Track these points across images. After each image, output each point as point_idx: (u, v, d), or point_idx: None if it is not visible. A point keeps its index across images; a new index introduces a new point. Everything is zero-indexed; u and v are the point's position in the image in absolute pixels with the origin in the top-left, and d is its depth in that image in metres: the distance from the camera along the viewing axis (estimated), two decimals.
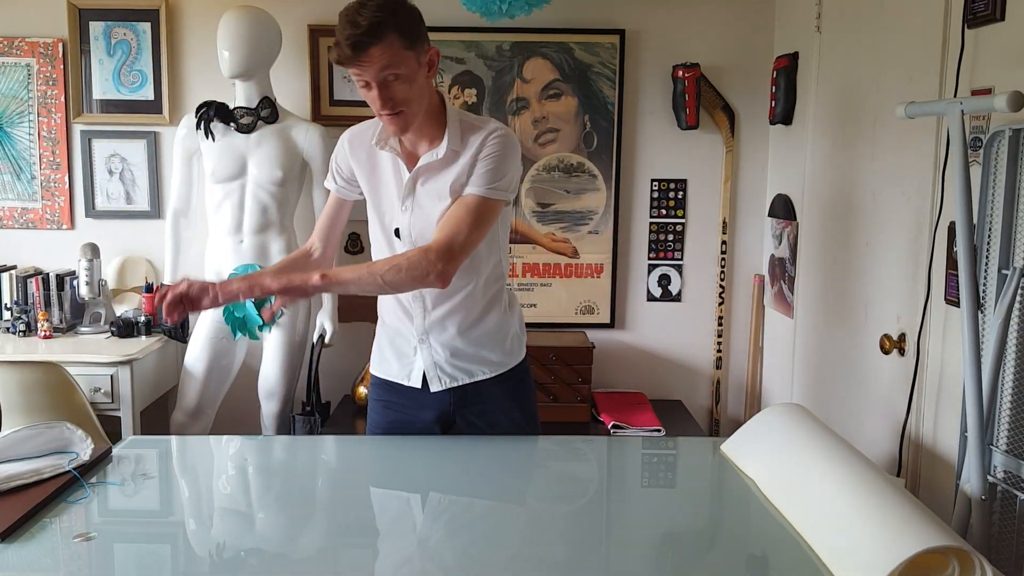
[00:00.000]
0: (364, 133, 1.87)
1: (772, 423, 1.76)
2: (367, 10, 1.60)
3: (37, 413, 2.37)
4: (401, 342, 1.92)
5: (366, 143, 1.85)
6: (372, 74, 1.64)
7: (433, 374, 1.89)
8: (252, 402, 3.02)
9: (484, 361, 1.90)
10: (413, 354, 1.91)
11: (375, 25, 1.60)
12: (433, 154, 1.77)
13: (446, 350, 1.88)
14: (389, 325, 1.95)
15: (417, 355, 1.90)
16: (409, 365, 1.91)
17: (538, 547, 1.45)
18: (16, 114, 3.15)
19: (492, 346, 1.91)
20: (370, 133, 1.85)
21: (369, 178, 1.87)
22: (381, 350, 1.98)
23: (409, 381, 1.91)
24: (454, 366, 1.89)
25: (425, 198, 1.79)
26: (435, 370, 1.89)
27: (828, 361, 2.60)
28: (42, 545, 1.36)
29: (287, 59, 3.03)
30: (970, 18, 1.81)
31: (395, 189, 1.83)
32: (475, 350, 1.89)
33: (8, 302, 3.06)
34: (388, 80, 1.65)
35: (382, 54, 1.62)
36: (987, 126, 1.77)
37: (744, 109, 3.17)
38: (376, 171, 1.86)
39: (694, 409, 3.27)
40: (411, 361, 1.91)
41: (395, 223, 1.83)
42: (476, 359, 1.89)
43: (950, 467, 1.89)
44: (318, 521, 1.55)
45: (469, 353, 1.89)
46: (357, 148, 1.87)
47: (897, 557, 1.18)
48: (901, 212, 2.14)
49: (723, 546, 1.49)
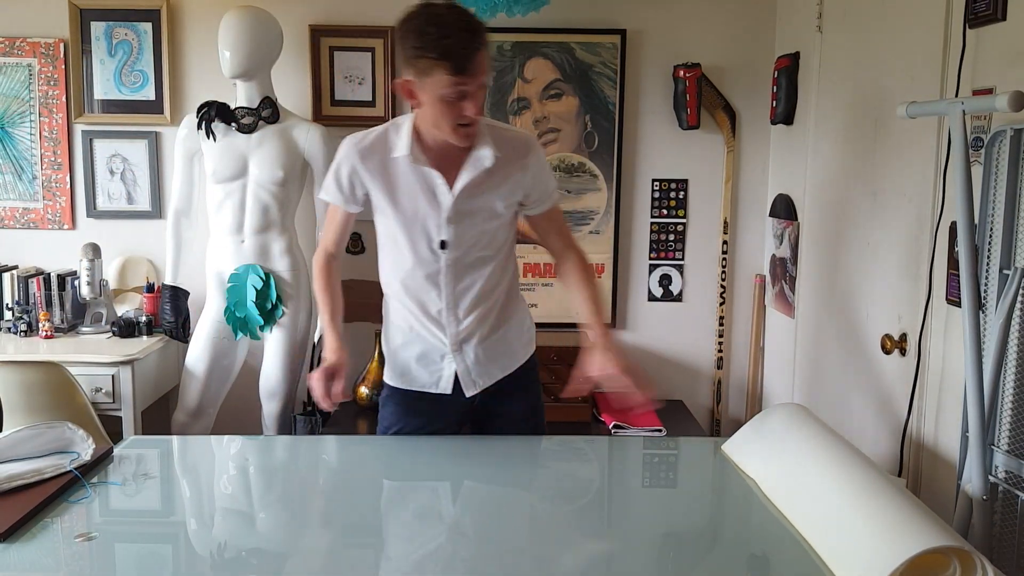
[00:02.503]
0: (374, 147, 1.80)
1: (773, 423, 1.76)
2: (465, 15, 1.60)
3: (38, 413, 2.37)
4: (431, 351, 1.90)
5: (378, 157, 1.79)
6: (478, 82, 1.63)
7: (468, 380, 1.89)
8: (253, 402, 3.02)
9: (512, 356, 1.93)
10: (441, 361, 1.89)
11: (482, 29, 1.60)
12: (478, 164, 1.75)
13: (478, 354, 1.88)
14: (413, 336, 1.90)
15: (446, 362, 1.89)
16: (438, 373, 1.90)
17: (539, 547, 1.45)
18: (17, 114, 3.15)
19: (516, 342, 1.94)
20: (381, 146, 1.79)
21: (389, 192, 1.80)
22: (404, 364, 1.93)
23: (438, 388, 1.91)
24: (485, 369, 1.90)
25: (474, 207, 1.78)
26: (468, 375, 1.89)
27: (829, 361, 2.60)
28: (43, 545, 1.36)
29: (288, 59, 3.03)
30: (971, 18, 1.81)
31: (428, 201, 1.78)
32: (504, 348, 1.91)
33: (9, 302, 3.06)
34: (483, 86, 1.65)
35: (485, 63, 1.62)
36: (988, 126, 1.77)
37: (745, 109, 3.16)
38: (396, 184, 1.79)
39: (695, 409, 3.26)
40: (440, 368, 1.90)
41: (439, 235, 1.79)
42: (506, 355, 1.92)
43: (951, 467, 1.89)
44: (319, 521, 1.56)
45: (500, 351, 1.91)
46: (369, 163, 1.79)
47: (898, 557, 1.18)
48: (902, 212, 2.14)
49: (724, 546, 1.49)
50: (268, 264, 2.87)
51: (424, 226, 1.80)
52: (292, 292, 2.92)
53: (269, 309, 2.88)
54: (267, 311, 2.88)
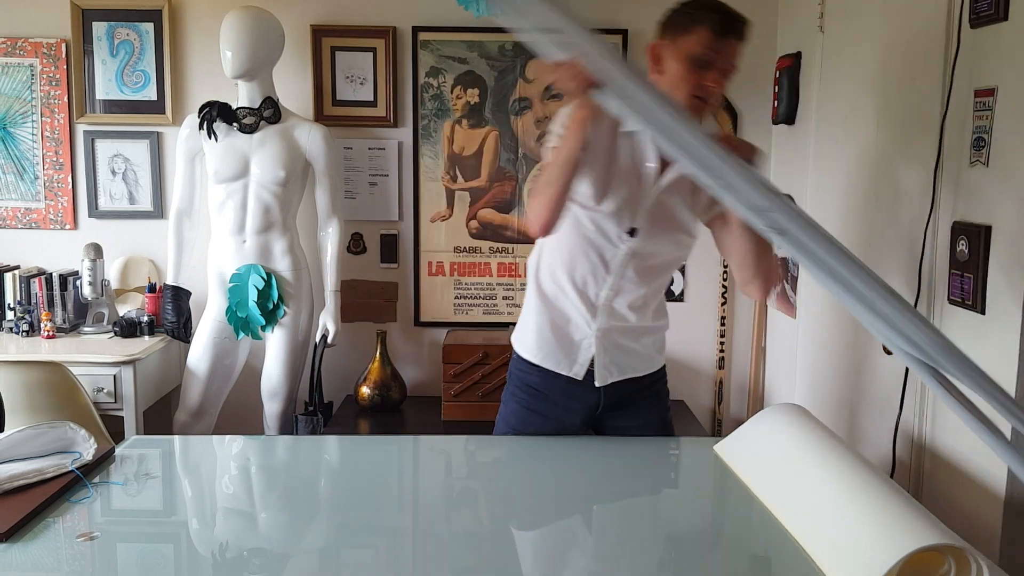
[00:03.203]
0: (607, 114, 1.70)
1: (768, 424, 1.75)
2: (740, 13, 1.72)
3: (40, 413, 2.38)
4: (573, 330, 1.88)
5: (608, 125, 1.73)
6: (730, 60, 1.70)
7: (601, 366, 1.88)
8: (255, 402, 3.02)
9: (647, 358, 1.95)
10: (581, 342, 1.88)
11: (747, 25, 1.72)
12: None
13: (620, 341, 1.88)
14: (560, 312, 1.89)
15: (585, 344, 1.88)
16: (574, 355, 1.89)
17: (539, 547, 1.45)
18: (19, 114, 3.16)
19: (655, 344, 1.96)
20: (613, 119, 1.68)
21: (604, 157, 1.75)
22: (542, 335, 1.91)
23: (571, 372, 1.90)
24: (622, 360, 1.90)
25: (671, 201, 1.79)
26: (603, 362, 1.88)
27: (831, 361, 2.60)
28: (45, 545, 1.37)
29: (290, 59, 3.03)
30: (973, 18, 1.80)
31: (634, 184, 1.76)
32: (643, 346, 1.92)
33: (11, 302, 3.07)
34: (727, 72, 1.70)
35: (739, 53, 1.71)
36: (990, 126, 1.77)
37: (747, 109, 3.16)
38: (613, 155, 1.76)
39: (697, 409, 3.26)
40: (577, 351, 1.89)
41: (632, 222, 1.78)
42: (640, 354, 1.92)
43: (952, 467, 1.89)
44: (320, 521, 1.56)
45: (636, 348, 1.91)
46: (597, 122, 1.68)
47: (893, 556, 1.18)
48: (903, 212, 2.14)
49: (723, 546, 1.49)
50: (270, 264, 2.87)
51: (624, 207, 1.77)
52: (294, 292, 2.92)
53: (271, 309, 2.88)
54: (269, 311, 2.88)
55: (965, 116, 1.84)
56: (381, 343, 3.07)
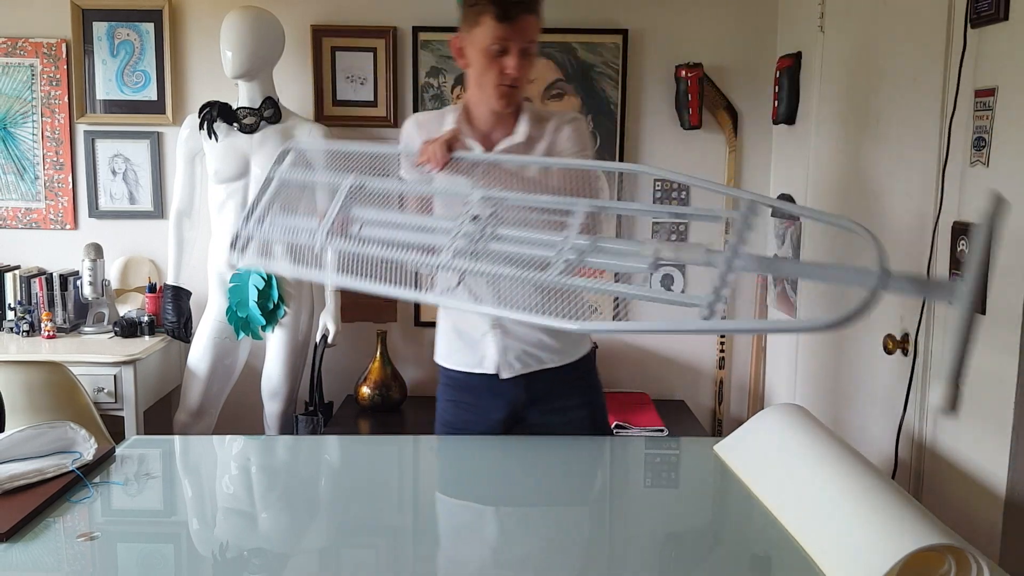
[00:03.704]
0: (431, 120, 1.85)
1: (768, 424, 1.75)
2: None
3: (40, 413, 2.38)
4: (469, 328, 1.90)
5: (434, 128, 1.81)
6: (524, 38, 1.69)
7: (503, 360, 1.88)
8: (255, 402, 3.02)
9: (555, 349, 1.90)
10: (482, 339, 1.89)
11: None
12: (510, 140, 1.79)
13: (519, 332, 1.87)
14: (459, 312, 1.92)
15: (486, 340, 1.88)
16: (480, 351, 1.90)
17: (539, 546, 1.45)
18: (20, 114, 3.16)
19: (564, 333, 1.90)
20: (437, 120, 1.83)
21: None
22: (448, 340, 1.95)
23: (482, 367, 1.90)
24: (525, 352, 1.88)
25: None
26: (504, 356, 1.88)
27: (831, 361, 2.60)
28: (45, 544, 1.37)
29: (290, 59, 3.03)
30: (974, 17, 1.80)
31: None
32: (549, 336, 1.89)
33: (12, 302, 3.07)
34: (527, 51, 1.71)
35: (533, 27, 1.70)
36: (990, 126, 1.77)
37: (747, 109, 3.16)
38: None
39: (697, 409, 3.26)
40: (481, 347, 1.89)
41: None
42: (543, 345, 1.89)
43: (952, 468, 1.89)
44: (321, 521, 1.56)
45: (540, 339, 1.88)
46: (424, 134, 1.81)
47: (893, 556, 1.18)
48: (904, 211, 2.14)
49: (723, 546, 1.49)
50: None
51: None
52: (294, 292, 2.92)
53: (271, 309, 2.88)
54: (269, 311, 2.88)
55: (965, 116, 1.84)
56: (381, 343, 3.07)
